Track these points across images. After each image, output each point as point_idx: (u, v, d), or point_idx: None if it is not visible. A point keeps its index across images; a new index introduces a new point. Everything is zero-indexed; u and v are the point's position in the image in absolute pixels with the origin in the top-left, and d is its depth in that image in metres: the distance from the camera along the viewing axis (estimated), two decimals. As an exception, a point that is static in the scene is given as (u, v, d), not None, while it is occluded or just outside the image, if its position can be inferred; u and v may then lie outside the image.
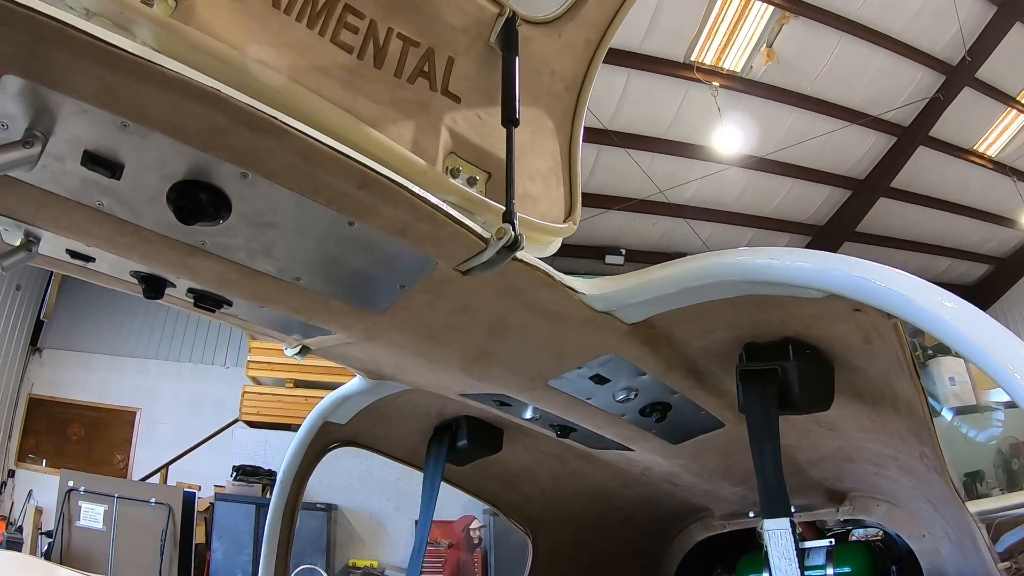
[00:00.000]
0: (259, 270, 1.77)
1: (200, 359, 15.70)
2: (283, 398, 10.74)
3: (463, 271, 1.75)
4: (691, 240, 15.09)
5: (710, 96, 12.03)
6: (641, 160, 12.86)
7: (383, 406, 2.95)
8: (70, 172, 1.47)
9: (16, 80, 1.28)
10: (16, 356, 15.48)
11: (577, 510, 3.72)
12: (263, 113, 1.39)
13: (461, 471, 3.20)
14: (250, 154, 1.45)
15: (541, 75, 2.10)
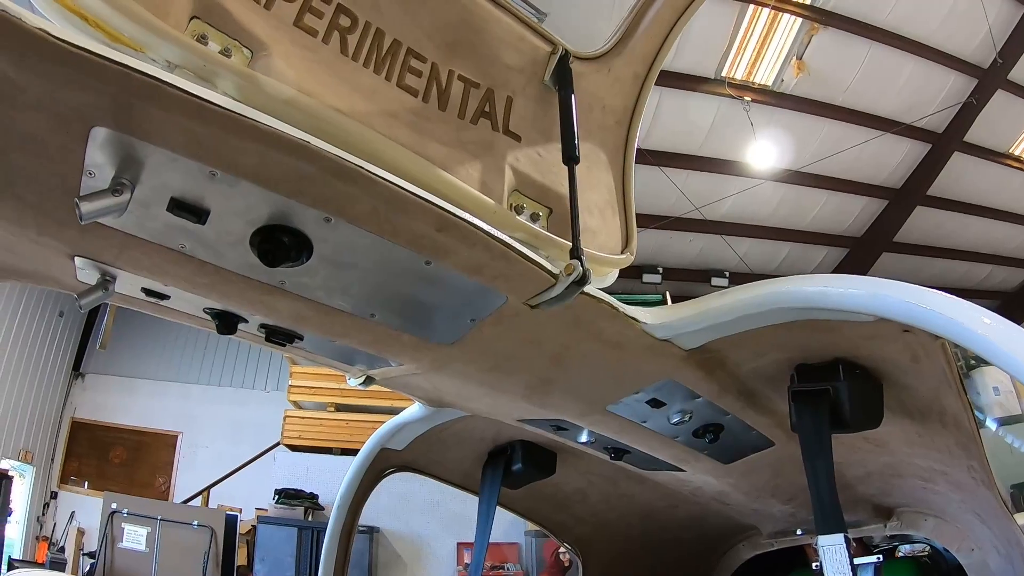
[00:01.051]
0: (335, 307, 1.82)
1: (241, 383, 15.97)
2: (324, 422, 10.82)
3: (532, 305, 1.80)
4: (728, 256, 15.05)
5: (742, 111, 12.01)
6: (676, 178, 12.83)
7: (439, 432, 3.02)
8: (155, 217, 1.52)
9: (106, 132, 1.33)
10: (59, 381, 15.85)
11: (626, 530, 3.76)
12: (350, 163, 1.44)
13: (514, 494, 3.25)
14: (335, 200, 1.50)
15: (593, 110, 2.16)
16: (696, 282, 15.42)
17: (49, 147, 1.37)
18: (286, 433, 10.96)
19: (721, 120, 12.41)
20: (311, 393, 11.09)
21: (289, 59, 1.62)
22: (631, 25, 2.23)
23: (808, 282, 1.80)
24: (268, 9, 1.63)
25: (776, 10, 11.13)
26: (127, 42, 1.45)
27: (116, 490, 11.99)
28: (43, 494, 15.10)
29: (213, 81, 1.51)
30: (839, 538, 1.89)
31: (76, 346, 16.48)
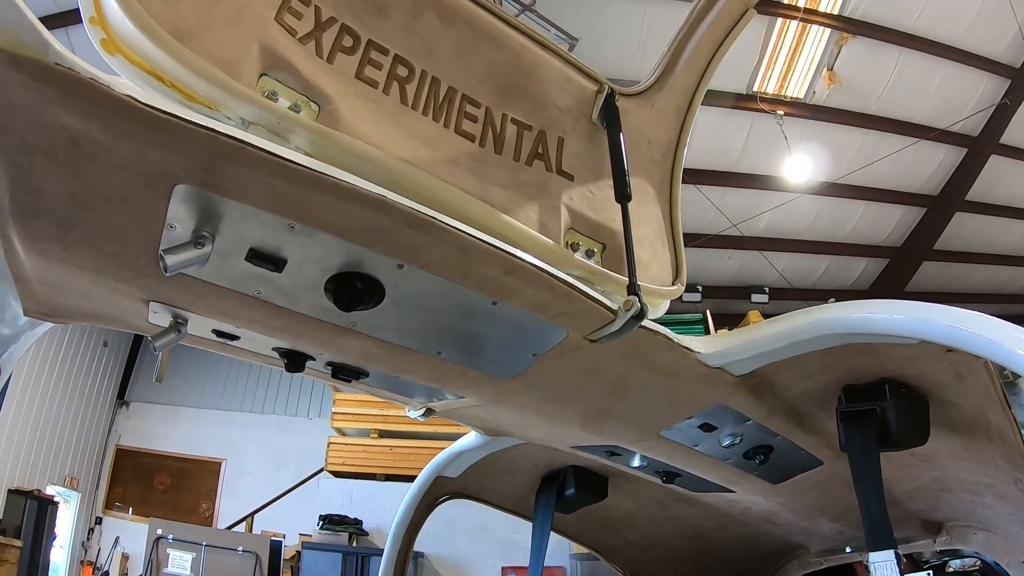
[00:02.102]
0: (403, 346, 1.90)
1: (284, 411, 16.14)
2: (368, 448, 10.88)
3: (592, 339, 1.86)
4: (767, 272, 14.94)
5: (776, 125, 11.95)
6: (712, 195, 12.79)
7: (493, 459, 3.09)
8: (233, 266, 1.59)
9: (190, 189, 1.40)
10: (104, 409, 16.17)
11: (676, 552, 3.78)
12: (423, 214, 1.51)
13: (565, 518, 3.31)
14: (408, 249, 1.57)
15: (639, 144, 2.21)
16: (736, 299, 15.33)
17: (133, 203, 1.44)
18: (330, 460, 11.03)
19: (755, 135, 12.37)
20: (354, 420, 11.17)
21: (354, 111, 1.68)
22: (671, 60, 2.29)
23: (853, 309, 1.87)
24: (331, 63, 1.68)
25: (804, 22, 11.08)
26: (202, 101, 1.51)
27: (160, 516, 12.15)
28: (88, 519, 15.41)
29: (286, 136, 1.57)
30: (890, 554, 1.92)
31: (120, 375, 16.82)
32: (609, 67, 10.43)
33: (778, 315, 2.09)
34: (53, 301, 1.96)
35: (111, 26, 1.46)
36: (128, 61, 1.48)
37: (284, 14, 1.63)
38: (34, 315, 2.09)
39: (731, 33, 2.31)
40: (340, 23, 1.72)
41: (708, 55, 2.30)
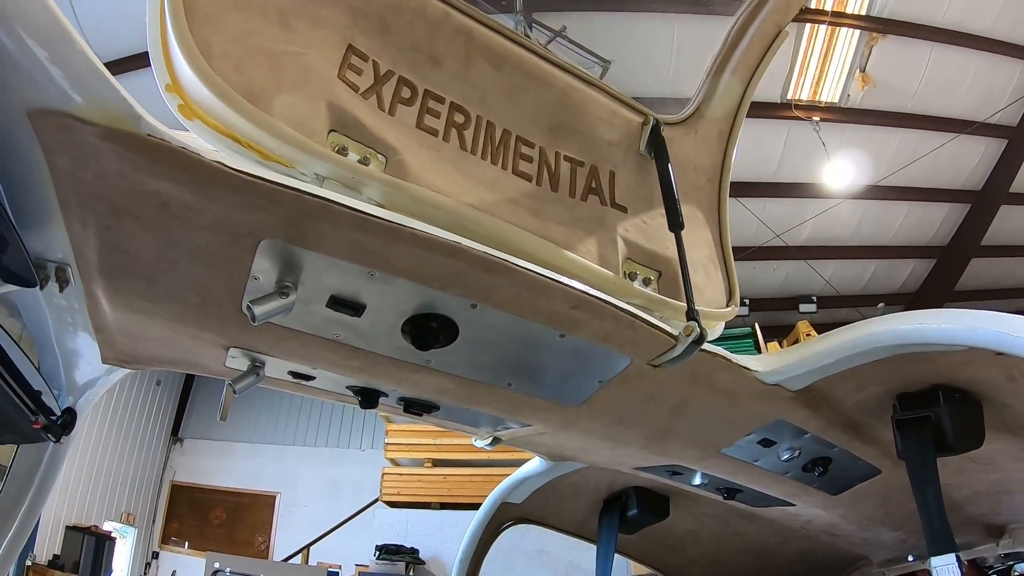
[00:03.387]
0: (475, 379, 1.98)
1: (337, 444, 16.35)
2: (422, 478, 10.92)
3: (655, 365, 1.92)
4: (814, 280, 14.79)
5: (812, 132, 11.84)
6: (754, 207, 12.70)
7: (557, 484, 3.15)
8: (314, 313, 1.67)
9: (275, 243, 1.48)
10: (159, 446, 16.53)
11: (738, 569, 3.78)
12: (496, 257, 1.59)
13: (628, 539, 3.34)
14: (482, 290, 1.65)
15: (686, 172, 2.27)
16: (784, 310, 15.19)
17: (219, 258, 1.52)
18: (385, 490, 11.09)
19: (792, 143, 12.28)
20: (408, 450, 11.23)
21: (419, 160, 1.75)
22: (710, 87, 2.35)
23: (902, 320, 1.94)
24: (393, 115, 1.76)
25: (833, 25, 10.99)
26: (278, 159, 1.58)
27: (216, 549, 12.31)
28: (145, 554, 15.70)
29: (359, 189, 1.64)
30: (951, 558, 1.94)
31: (174, 413, 17.19)
32: (643, 87, 10.48)
33: (828, 324, 2.20)
34: (132, 349, 2.05)
35: (187, 93, 1.54)
36: (206, 125, 1.55)
37: (345, 71, 1.71)
38: (112, 362, 2.19)
39: (766, 56, 2.36)
40: (397, 75, 1.80)
41: (745, 79, 2.36)
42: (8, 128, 1.29)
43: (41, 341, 2.26)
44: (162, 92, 1.54)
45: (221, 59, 1.51)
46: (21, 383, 2.16)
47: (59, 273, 1.64)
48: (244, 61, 1.55)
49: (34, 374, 2.24)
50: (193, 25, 1.49)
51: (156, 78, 1.56)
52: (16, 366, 2.14)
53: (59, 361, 2.34)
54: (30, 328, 2.22)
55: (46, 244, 1.58)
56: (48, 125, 1.27)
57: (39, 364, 2.30)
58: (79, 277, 1.65)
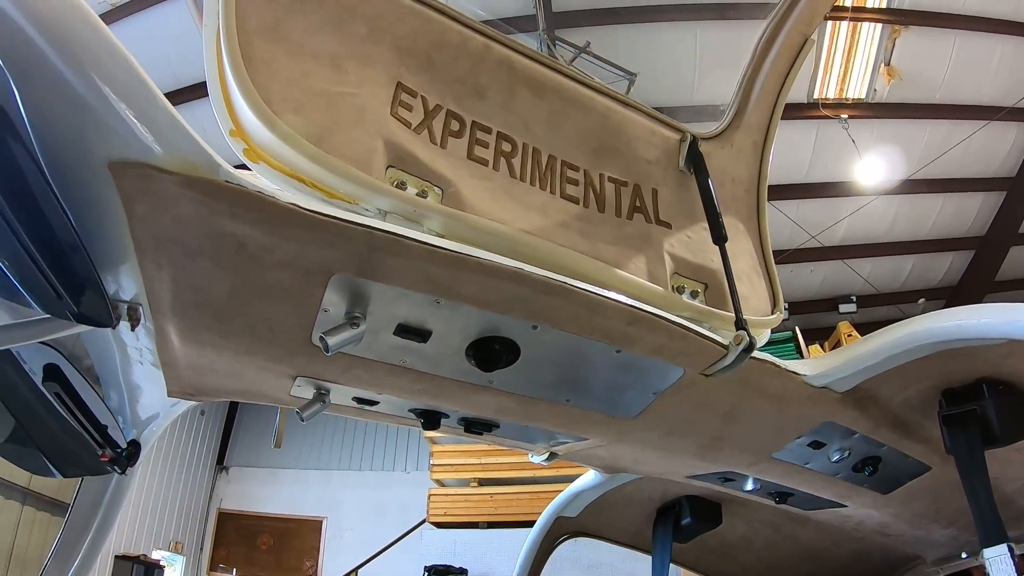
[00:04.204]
0: (535, 397, 2.05)
1: (381, 467, 16.43)
2: (469, 497, 10.92)
3: (707, 374, 1.97)
4: (852, 280, 14.58)
5: (841, 130, 11.73)
6: (787, 210, 12.60)
7: (610, 495, 3.19)
8: (382, 341, 1.75)
9: (344, 278, 1.55)
10: (205, 475, 16.75)
11: (791, 573, 3.78)
12: (555, 280, 1.66)
13: (682, 548, 3.36)
14: (542, 311, 1.72)
15: (724, 184, 2.33)
16: (824, 312, 15.01)
17: (290, 293, 1.60)
18: (431, 511, 11.11)
19: (822, 143, 12.16)
20: (453, 471, 11.26)
21: (473, 190, 1.83)
22: (741, 100, 2.43)
23: (942, 318, 2.00)
24: (444, 148, 1.84)
25: (854, 21, 10.89)
26: (342, 197, 1.67)
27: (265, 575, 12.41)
28: (194, 582, 15.86)
29: (420, 221, 1.72)
30: (1003, 548, 1.97)
31: (219, 442, 17.43)
32: (670, 96, 10.52)
33: (869, 323, 2.28)
34: (198, 382, 2.13)
35: (251, 137, 1.63)
36: (270, 167, 1.64)
37: (397, 108, 1.80)
38: (178, 395, 2.27)
39: (795, 65, 2.44)
40: (445, 109, 1.89)
41: (776, 90, 2.44)
42: (88, 178, 1.36)
43: (107, 376, 2.35)
44: (226, 137, 1.63)
45: (280, 103, 1.59)
46: (89, 418, 2.24)
47: (131, 312, 1.72)
48: (302, 104, 1.63)
49: (101, 408, 2.33)
50: (251, 72, 1.58)
51: (219, 124, 1.65)
52: (85, 402, 2.22)
53: (124, 395, 2.42)
54: (96, 363, 2.30)
55: (119, 285, 1.65)
56: (128, 175, 1.34)
57: (105, 398, 2.38)
58: (150, 315, 1.73)
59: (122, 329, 1.78)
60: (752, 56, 2.44)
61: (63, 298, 1.49)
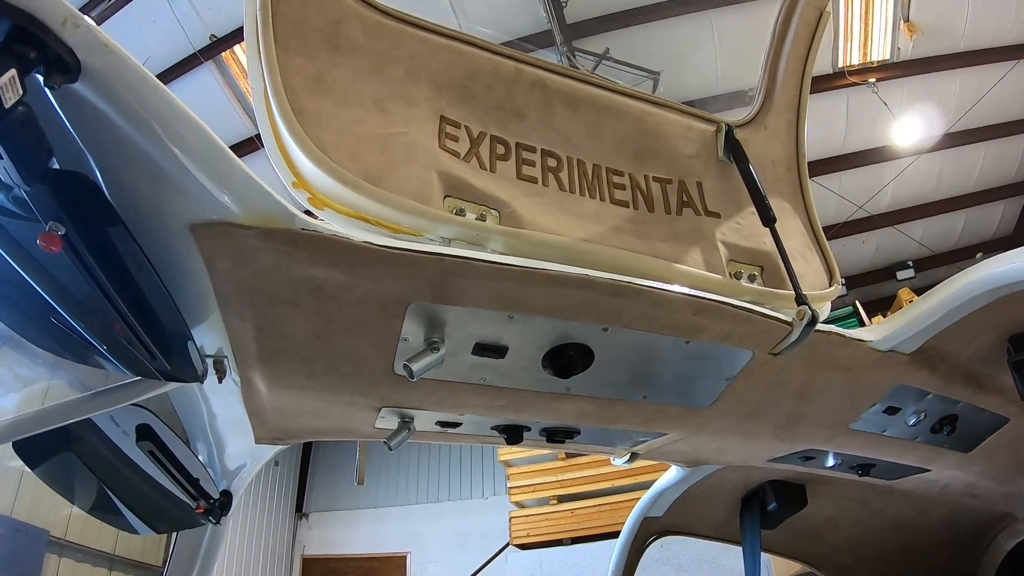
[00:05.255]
0: (612, 398, 2.09)
1: (459, 496, 16.48)
2: (550, 516, 10.86)
3: (775, 353, 1.99)
4: (906, 244, 14.27)
5: (871, 95, 11.53)
6: (829, 184, 12.42)
7: (693, 490, 3.20)
8: (461, 362, 1.81)
9: (421, 305, 1.62)
10: (285, 523, 17.01)
11: (882, 548, 3.75)
12: (621, 281, 1.71)
13: (771, 535, 3.35)
14: (611, 314, 1.76)
15: (765, 167, 2.36)
16: (882, 281, 14.71)
17: (370, 327, 1.67)
18: (514, 533, 11.09)
19: (854, 111, 11.94)
20: (531, 491, 11.23)
21: (527, 208, 1.89)
22: (768, 83, 2.47)
23: (998, 263, 1.99)
24: (494, 172, 1.92)
25: (866, -18, 10.75)
26: (407, 231, 1.75)
27: (354, 615, 12.51)
28: (283, 629, 16.03)
29: (484, 244, 1.79)
30: None
31: (296, 490, 17.70)
32: (696, 88, 10.48)
33: (929, 288, 2.20)
34: (285, 425, 2.21)
35: (314, 187, 1.73)
36: (336, 211, 1.74)
37: (444, 140, 1.88)
38: (266, 441, 2.36)
39: (814, 39, 2.47)
40: (489, 135, 1.97)
41: (801, 67, 2.47)
42: (169, 242, 1.44)
43: (195, 429, 2.45)
44: (289, 190, 1.72)
45: (336, 151, 1.68)
46: (183, 472, 2.33)
47: (217, 365, 1.81)
48: (357, 149, 1.72)
49: (193, 461, 2.42)
50: (304, 126, 1.67)
51: (281, 178, 1.74)
52: (177, 457, 2.31)
53: (213, 446, 2.52)
54: (184, 418, 2.40)
55: (204, 340, 1.73)
56: (209, 235, 1.42)
57: (195, 451, 2.47)
58: (235, 366, 1.81)
59: (209, 382, 1.86)
60: (772, 38, 2.48)
61: (156, 358, 1.57)
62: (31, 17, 1.01)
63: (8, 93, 0.95)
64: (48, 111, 1.16)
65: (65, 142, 1.23)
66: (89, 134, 1.24)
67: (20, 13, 1.00)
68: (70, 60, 1.07)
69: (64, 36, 1.05)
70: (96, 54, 1.10)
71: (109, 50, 1.12)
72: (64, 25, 1.05)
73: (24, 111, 1.01)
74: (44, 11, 1.03)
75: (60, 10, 1.04)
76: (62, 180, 1.19)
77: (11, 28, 0.99)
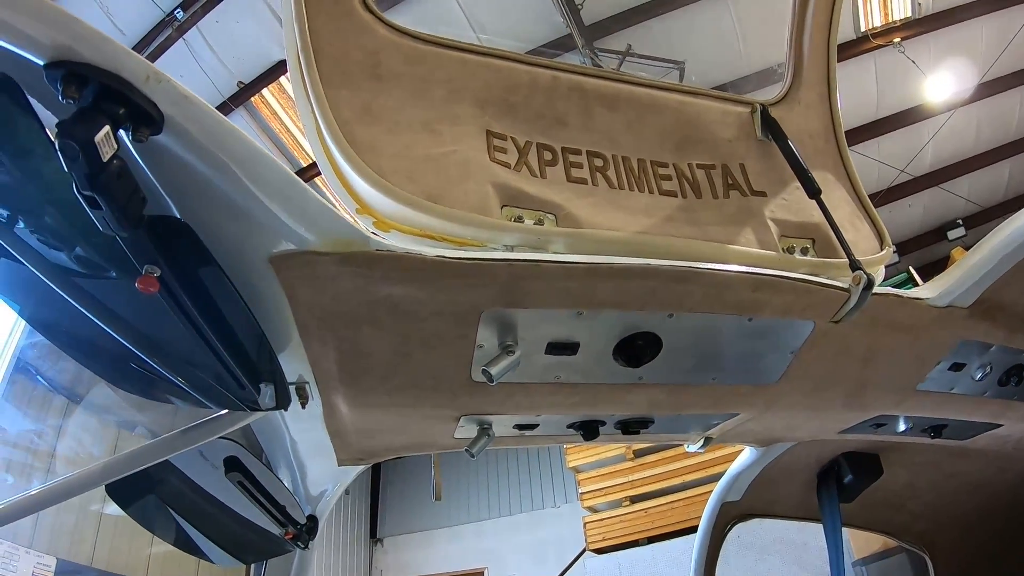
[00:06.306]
0: (682, 384, 2.14)
1: (531, 507, 16.51)
2: (624, 517, 10.82)
3: (836, 321, 2.01)
4: (953, 203, 13.97)
5: (898, 55, 11.33)
6: (869, 151, 12.22)
7: (768, 471, 3.20)
8: (535, 363, 1.87)
9: (494, 312, 1.68)
10: (361, 550, 17.29)
11: (962, 510, 3.71)
12: (682, 267, 1.75)
13: (850, 509, 3.33)
14: (675, 299, 1.81)
15: (803, 141, 2.38)
16: (933, 244, 14.44)
17: (447, 339, 1.74)
18: (590, 538, 11.07)
19: (883, 74, 11.73)
20: (603, 494, 11.22)
21: (582, 208, 1.95)
22: (795, 59, 2.50)
23: None
24: (545, 178, 1.99)
25: (877, -60, 10.59)
26: (471, 243, 1.82)
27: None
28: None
29: (546, 247, 1.85)
30: None
31: (369, 516, 17.95)
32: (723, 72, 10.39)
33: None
34: (366, 445, 2.28)
35: (377, 212, 1.81)
36: (401, 232, 1.81)
37: (494, 153, 1.96)
38: (348, 463, 2.42)
39: (835, 9, 2.50)
40: (535, 143, 2.04)
41: (825, 37, 2.50)
42: (251, 276, 1.51)
43: (278, 457, 2.52)
44: (355, 216, 1.80)
45: (394, 175, 1.76)
46: (271, 500, 2.41)
47: (299, 391, 1.88)
48: (414, 171, 1.80)
49: (280, 488, 2.49)
50: (361, 155, 1.75)
51: (344, 206, 1.83)
52: (265, 486, 2.38)
53: (296, 472, 2.59)
54: (266, 447, 2.47)
55: (285, 368, 1.80)
56: (289, 265, 1.49)
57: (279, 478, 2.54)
58: (317, 390, 1.88)
59: (294, 409, 1.93)
60: (793, 13, 2.51)
61: (246, 388, 1.64)
62: (117, 77, 1.10)
63: (105, 148, 1.03)
64: (132, 162, 1.23)
65: (147, 190, 1.31)
66: (171, 181, 1.32)
67: (107, 74, 1.09)
68: (154, 113, 1.15)
69: (148, 92, 1.13)
70: (177, 106, 1.18)
71: (189, 101, 1.20)
72: (147, 81, 1.13)
73: (119, 163, 1.09)
74: (128, 71, 1.11)
75: (142, 68, 1.12)
76: (155, 225, 1.26)
77: (100, 88, 1.08)
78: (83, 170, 1.03)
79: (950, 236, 14.25)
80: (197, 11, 9.17)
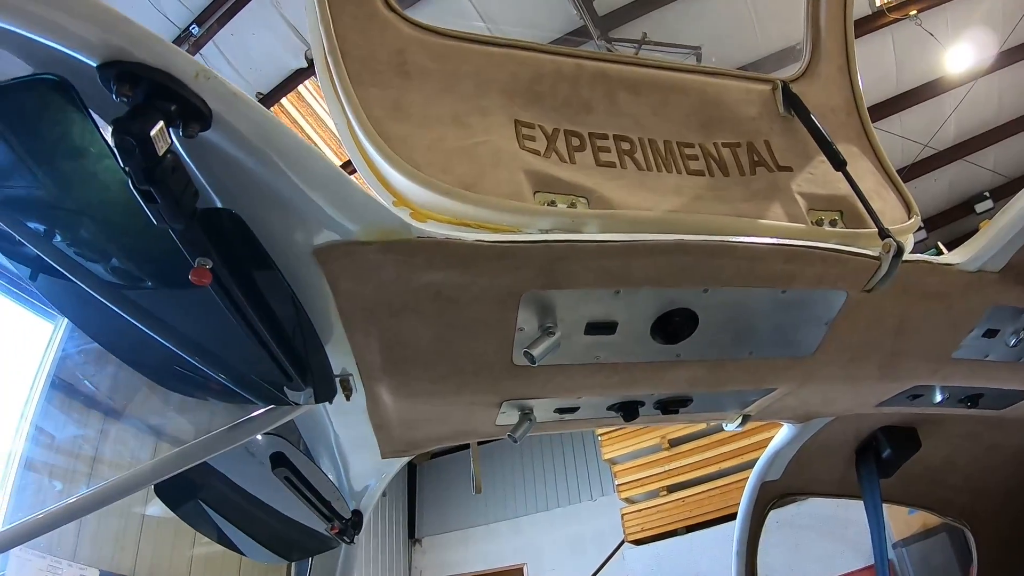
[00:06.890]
0: (720, 359, 2.16)
1: (567, 502, 16.54)
2: (661, 507, 10.77)
3: (868, 290, 2.02)
4: (979, 175, 13.78)
5: (915, 28, 11.18)
6: (891, 127, 12.09)
7: (806, 449, 3.21)
8: (575, 343, 1.90)
9: (533, 294, 1.71)
10: (400, 551, 17.38)
11: (1003, 484, 3.68)
12: (716, 241, 1.78)
13: (890, 485, 3.31)
14: (710, 274, 1.84)
15: (826, 116, 2.40)
16: (961, 218, 14.28)
17: (488, 323, 1.77)
18: (628, 530, 11.03)
19: (901, 48, 11.59)
20: (640, 485, 11.17)
21: (613, 191, 1.99)
22: (813, 34, 2.53)
23: None
24: (575, 163, 2.03)
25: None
26: (507, 228, 1.85)
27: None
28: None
29: (580, 229, 1.89)
30: None
31: (407, 516, 18.08)
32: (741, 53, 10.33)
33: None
34: (409, 436, 2.32)
35: (414, 203, 1.86)
36: (438, 221, 1.85)
37: (523, 141, 2.00)
38: (391, 455, 2.47)
39: None
40: (563, 130, 2.08)
41: (841, 11, 2.55)
42: (295, 268, 1.55)
43: (321, 452, 2.57)
44: (392, 208, 1.86)
45: (429, 167, 1.81)
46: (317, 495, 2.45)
47: (343, 384, 1.93)
48: (447, 163, 1.85)
49: (325, 483, 2.53)
50: (395, 149, 1.80)
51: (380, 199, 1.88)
52: (311, 481, 2.43)
53: (340, 467, 2.63)
54: (309, 442, 2.52)
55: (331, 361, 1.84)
56: (332, 256, 1.53)
57: None
58: (361, 382, 1.92)
59: (338, 402, 1.98)
60: None
61: (294, 380, 1.69)
62: (168, 74, 1.14)
63: (159, 142, 1.07)
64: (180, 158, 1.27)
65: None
66: (218, 176, 1.36)
67: (159, 72, 1.13)
68: (204, 109, 1.19)
69: (197, 88, 1.18)
70: (225, 102, 1.22)
71: (237, 97, 1.24)
72: (196, 78, 1.17)
73: (173, 158, 1.13)
74: (178, 68, 1.15)
75: (191, 66, 1.17)
76: (207, 217, 1.30)
77: (152, 86, 1.12)
78: (140, 165, 1.07)
79: (978, 209, 14.07)
80: (212, 25, 9.28)
